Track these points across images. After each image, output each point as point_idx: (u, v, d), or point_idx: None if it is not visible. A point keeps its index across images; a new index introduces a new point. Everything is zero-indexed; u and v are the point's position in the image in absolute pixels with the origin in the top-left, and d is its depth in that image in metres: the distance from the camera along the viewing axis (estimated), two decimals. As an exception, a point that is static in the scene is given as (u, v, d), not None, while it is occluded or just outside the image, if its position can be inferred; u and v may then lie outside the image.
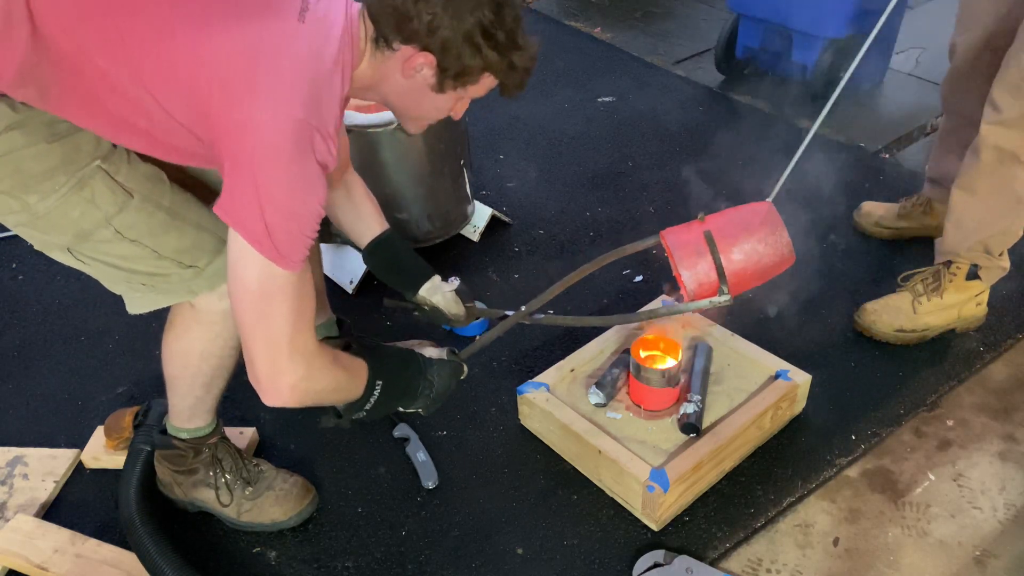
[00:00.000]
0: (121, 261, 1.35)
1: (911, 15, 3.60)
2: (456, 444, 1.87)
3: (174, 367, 1.52)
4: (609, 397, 1.80)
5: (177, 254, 1.37)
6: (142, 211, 1.33)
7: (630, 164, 2.79)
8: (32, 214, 1.26)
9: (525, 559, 1.63)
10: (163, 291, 1.41)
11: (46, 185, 1.24)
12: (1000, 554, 1.62)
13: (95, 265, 1.36)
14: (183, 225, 1.37)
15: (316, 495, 1.72)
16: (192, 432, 1.62)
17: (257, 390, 1.29)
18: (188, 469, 1.65)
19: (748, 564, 1.61)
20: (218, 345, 1.48)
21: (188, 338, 1.48)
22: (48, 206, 1.25)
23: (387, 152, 2.14)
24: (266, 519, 1.67)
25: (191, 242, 1.38)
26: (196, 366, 1.51)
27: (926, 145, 2.92)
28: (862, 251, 2.40)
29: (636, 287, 2.29)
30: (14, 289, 2.39)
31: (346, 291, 2.28)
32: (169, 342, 1.51)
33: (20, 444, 1.89)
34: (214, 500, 1.67)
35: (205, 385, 1.54)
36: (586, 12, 3.98)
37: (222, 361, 1.51)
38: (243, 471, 1.67)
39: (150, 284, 1.39)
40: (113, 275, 1.38)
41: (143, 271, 1.37)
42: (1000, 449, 1.82)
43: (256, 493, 1.67)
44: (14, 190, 1.23)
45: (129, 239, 1.32)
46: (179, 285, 1.40)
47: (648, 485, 1.60)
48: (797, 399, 1.85)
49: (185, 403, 1.58)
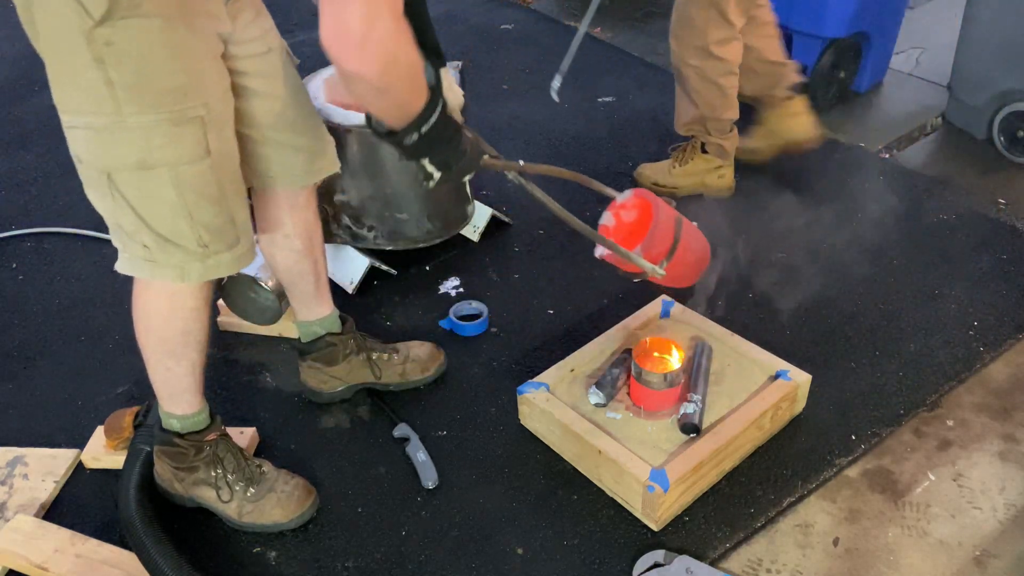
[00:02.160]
0: (150, 209, 1.35)
1: (911, 15, 3.60)
2: (456, 444, 1.87)
3: (139, 335, 1.53)
4: (609, 397, 1.80)
5: (204, 228, 1.38)
6: (206, 175, 1.35)
7: (630, 164, 2.79)
8: (117, 123, 1.26)
9: (525, 559, 1.63)
10: (158, 262, 1.40)
11: (152, 101, 1.25)
12: (1000, 554, 1.62)
13: (119, 203, 1.34)
14: (222, 207, 1.40)
15: (317, 497, 1.71)
16: (182, 420, 1.62)
17: (338, 46, 1.13)
18: (188, 467, 1.65)
19: (748, 564, 1.61)
20: (176, 304, 1.47)
21: (145, 297, 1.48)
22: (139, 123, 1.26)
23: (387, 152, 2.14)
24: (267, 520, 1.66)
25: (219, 226, 1.41)
26: (158, 330, 1.51)
27: (926, 145, 2.92)
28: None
29: (636, 287, 2.28)
30: (14, 289, 2.39)
31: (346, 291, 2.28)
32: (134, 308, 1.51)
33: (20, 444, 1.89)
34: (215, 499, 1.66)
35: (173, 355, 1.53)
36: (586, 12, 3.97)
37: (186, 325, 1.50)
38: (245, 471, 1.67)
39: (154, 248, 1.38)
40: (127, 221, 1.37)
41: (159, 230, 1.37)
42: (1000, 449, 1.82)
43: (258, 494, 1.67)
44: (123, 88, 1.23)
45: (179, 190, 1.33)
46: (178, 260, 1.40)
47: (648, 485, 1.60)
48: (797, 399, 1.85)
49: (160, 379, 1.57)
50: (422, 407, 1.95)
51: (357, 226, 2.26)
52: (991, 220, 2.49)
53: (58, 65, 1.26)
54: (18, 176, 2.88)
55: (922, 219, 2.50)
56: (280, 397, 2.00)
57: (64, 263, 2.47)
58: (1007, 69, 2.66)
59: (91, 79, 1.23)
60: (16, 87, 3.44)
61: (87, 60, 1.21)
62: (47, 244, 2.56)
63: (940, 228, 2.47)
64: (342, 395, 1.96)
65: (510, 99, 3.22)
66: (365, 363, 1.94)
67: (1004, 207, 2.55)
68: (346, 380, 1.94)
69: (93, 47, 1.20)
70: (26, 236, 2.59)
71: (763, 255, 2.37)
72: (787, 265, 2.34)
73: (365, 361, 1.94)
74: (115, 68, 1.22)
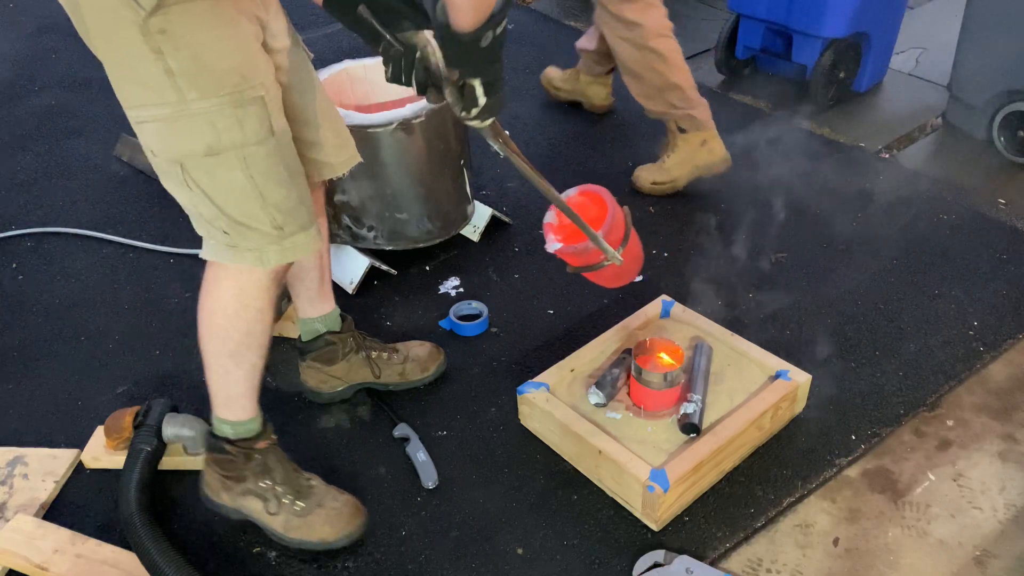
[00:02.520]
0: (224, 195, 1.35)
1: (911, 15, 3.60)
2: (456, 444, 1.87)
3: (202, 330, 1.51)
4: (609, 397, 1.80)
5: (276, 209, 1.38)
6: (273, 155, 1.36)
7: (630, 164, 2.78)
8: (181, 111, 1.26)
9: (525, 559, 1.63)
10: (238, 247, 1.40)
11: (213, 84, 1.25)
12: (1000, 554, 1.62)
13: (195, 192, 1.34)
14: (292, 188, 1.41)
15: (366, 515, 1.67)
16: (235, 427, 1.59)
17: None
18: (237, 475, 1.61)
19: (748, 564, 1.61)
20: (242, 302, 1.46)
21: (215, 295, 1.47)
22: (203, 108, 1.26)
23: (387, 152, 2.14)
24: (315, 537, 1.61)
25: (292, 205, 1.41)
26: (222, 327, 1.48)
27: (926, 145, 2.92)
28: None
29: (636, 287, 2.29)
30: (14, 289, 2.39)
31: (346, 291, 2.28)
32: (199, 305, 1.50)
33: (20, 444, 1.89)
34: (262, 511, 1.62)
35: (233, 355, 1.51)
36: (586, 12, 3.97)
37: (249, 326, 1.48)
38: (293, 484, 1.63)
39: (232, 233, 1.38)
40: (205, 209, 1.37)
41: (234, 215, 1.37)
42: (1000, 449, 1.82)
43: (306, 509, 1.62)
44: (183, 75, 1.23)
45: (248, 173, 1.33)
46: (255, 244, 1.40)
47: (648, 485, 1.60)
48: (797, 399, 1.85)
49: (217, 381, 1.54)
50: (422, 407, 1.95)
51: (357, 226, 2.26)
52: (991, 220, 2.49)
53: (116, 62, 1.26)
54: (18, 176, 2.88)
55: (922, 219, 2.50)
56: (280, 397, 1.99)
57: (64, 263, 2.48)
58: (1007, 69, 2.66)
59: (151, 71, 1.23)
60: (16, 87, 3.44)
61: (144, 52, 1.21)
62: (47, 244, 2.56)
63: (940, 228, 2.47)
64: (342, 395, 1.96)
65: (510, 99, 3.21)
66: (364, 362, 1.94)
67: (1004, 207, 2.55)
68: (346, 380, 1.94)
69: (148, 38, 1.20)
70: (26, 236, 2.59)
71: (763, 255, 2.37)
72: (787, 265, 2.34)
73: (364, 360, 1.94)
74: (173, 56, 1.22)
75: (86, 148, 3.00)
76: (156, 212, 2.64)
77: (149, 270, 2.43)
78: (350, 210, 2.23)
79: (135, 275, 2.41)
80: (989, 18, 2.65)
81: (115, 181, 2.81)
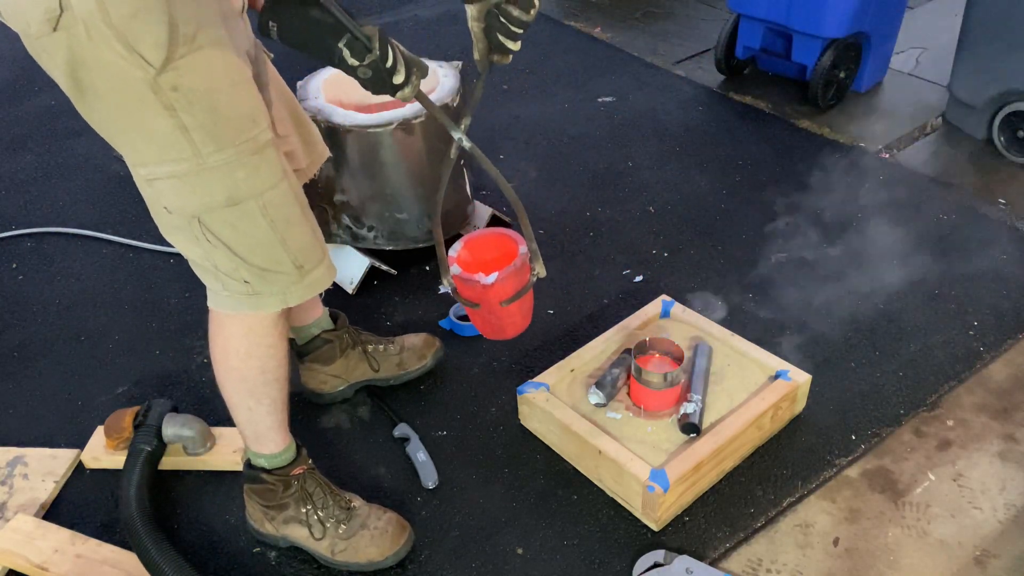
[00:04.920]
0: (246, 245, 1.32)
1: (911, 15, 3.60)
2: (456, 444, 1.87)
3: (218, 374, 1.49)
4: (609, 397, 1.80)
5: (298, 250, 1.37)
6: (288, 195, 1.34)
7: (630, 164, 2.79)
8: (199, 165, 1.23)
9: (525, 559, 1.63)
10: (261, 294, 1.38)
11: (228, 135, 1.23)
12: (1000, 554, 1.62)
13: (213, 245, 1.31)
14: (306, 223, 1.39)
15: (412, 532, 1.65)
16: (270, 460, 1.58)
17: None
18: (278, 504, 1.61)
19: (748, 564, 1.61)
20: (253, 342, 1.44)
21: (224, 337, 1.45)
22: (221, 160, 1.24)
23: (387, 152, 2.14)
24: (362, 559, 1.60)
25: (308, 243, 1.40)
26: (236, 369, 1.47)
27: (926, 145, 2.92)
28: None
29: (636, 287, 2.29)
30: (14, 289, 2.39)
31: (346, 291, 2.28)
32: (210, 348, 1.48)
33: (20, 444, 1.89)
34: (307, 537, 1.61)
35: (252, 394, 1.50)
36: (586, 12, 3.98)
37: (263, 363, 1.47)
38: (335, 507, 1.62)
39: (255, 281, 1.36)
40: (223, 261, 1.34)
41: (258, 263, 1.34)
42: (1000, 449, 1.82)
43: (350, 531, 1.61)
44: (198, 130, 1.20)
45: (269, 218, 1.31)
46: (279, 287, 1.38)
47: (648, 485, 1.60)
48: (797, 399, 1.85)
49: (243, 419, 1.54)
50: (422, 407, 1.95)
51: (357, 226, 2.26)
52: (991, 220, 2.49)
53: (124, 122, 1.22)
54: (18, 176, 2.89)
55: (922, 219, 2.50)
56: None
57: (64, 263, 2.48)
58: (1007, 69, 2.66)
59: (164, 128, 1.19)
60: (16, 87, 3.45)
61: (157, 110, 1.18)
62: (47, 244, 2.56)
63: (940, 228, 2.47)
64: (343, 395, 1.96)
65: (510, 99, 3.22)
66: (362, 357, 1.94)
67: (1004, 207, 2.55)
68: (346, 378, 1.94)
69: (161, 96, 1.17)
70: (26, 236, 2.59)
71: (763, 255, 2.37)
72: (787, 265, 2.34)
73: (362, 355, 1.94)
74: (186, 112, 1.19)
75: (86, 148, 3.00)
76: (156, 212, 2.64)
77: (149, 270, 2.43)
78: (350, 210, 2.23)
79: (135, 275, 2.41)
80: (989, 18, 2.65)
81: (115, 181, 2.81)
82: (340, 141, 2.11)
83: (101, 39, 1.11)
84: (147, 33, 1.12)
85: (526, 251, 1.54)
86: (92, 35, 1.11)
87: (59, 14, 1.09)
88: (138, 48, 1.12)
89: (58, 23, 1.10)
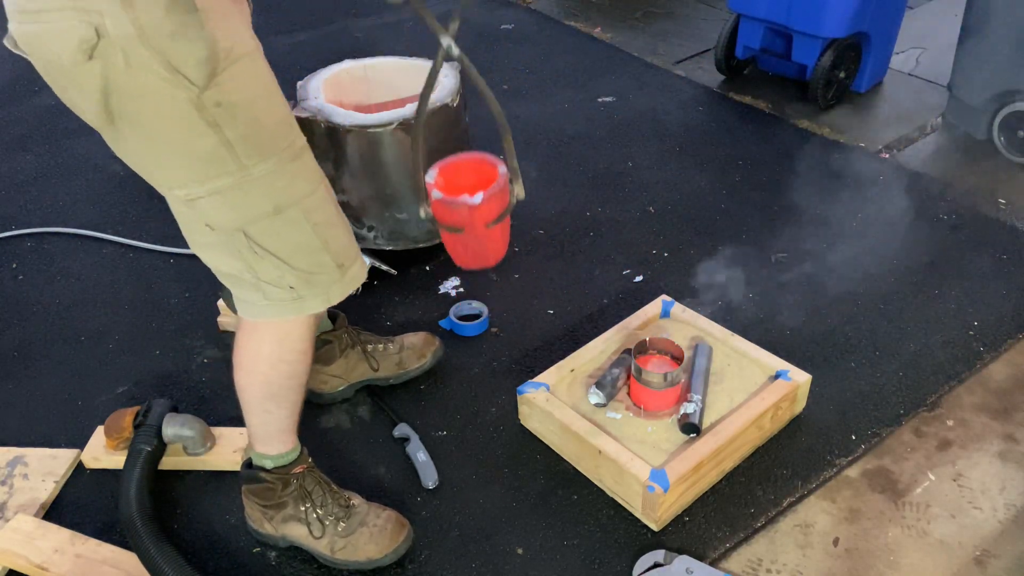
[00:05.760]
0: (292, 251, 1.32)
1: (911, 15, 3.60)
2: (456, 444, 1.87)
3: (241, 377, 1.49)
4: (609, 397, 1.80)
5: (338, 250, 1.38)
6: (324, 199, 1.35)
7: (630, 164, 2.79)
8: (243, 178, 1.22)
9: (525, 559, 1.63)
10: (305, 298, 1.38)
11: (269, 144, 1.23)
12: (1000, 554, 1.62)
13: (259, 255, 1.30)
14: (341, 222, 1.41)
15: (411, 530, 1.64)
16: (275, 460, 1.58)
17: None
18: (277, 503, 1.60)
19: (748, 564, 1.61)
20: (286, 348, 1.44)
21: (255, 342, 1.45)
22: (264, 170, 1.24)
23: (387, 152, 2.14)
24: (361, 557, 1.60)
25: (346, 240, 1.42)
26: (264, 374, 1.47)
27: (926, 145, 2.92)
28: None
29: (636, 287, 2.29)
30: (14, 289, 2.39)
31: (346, 291, 2.28)
32: (237, 354, 1.48)
33: (20, 444, 1.89)
34: (306, 536, 1.61)
35: (274, 397, 1.50)
36: (586, 12, 3.98)
37: (292, 368, 1.47)
38: (334, 505, 1.61)
39: (299, 286, 1.36)
40: (267, 271, 1.33)
41: (303, 268, 1.34)
42: (1000, 449, 1.82)
43: (349, 529, 1.60)
44: (241, 143, 1.20)
45: (312, 223, 1.31)
46: (322, 289, 1.38)
47: (648, 485, 1.60)
48: (797, 399, 1.85)
49: (258, 422, 1.53)
50: (422, 407, 1.95)
51: (357, 226, 2.26)
52: (991, 220, 2.49)
53: (163, 146, 1.20)
54: (18, 176, 2.89)
55: (922, 219, 2.50)
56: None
57: (64, 263, 2.48)
58: (1007, 69, 2.66)
59: (209, 145, 1.19)
60: (16, 87, 3.45)
61: (201, 129, 1.17)
62: (47, 244, 2.56)
63: (940, 228, 2.47)
64: (343, 395, 1.96)
65: (510, 99, 3.22)
66: (361, 356, 1.94)
67: (1004, 207, 2.55)
68: (346, 378, 1.94)
69: (204, 114, 1.16)
70: (26, 236, 2.59)
71: (763, 255, 2.37)
72: (787, 265, 2.34)
73: (361, 354, 1.94)
74: (230, 126, 1.19)
75: (86, 148, 3.00)
76: (156, 212, 2.64)
77: (149, 270, 2.43)
78: (350, 210, 2.23)
79: (135, 275, 2.41)
80: (989, 18, 2.65)
81: (115, 181, 2.81)
82: (340, 141, 2.11)
83: (140, 64, 1.10)
84: (188, 52, 1.11)
85: (506, 171, 1.53)
86: (131, 61, 1.09)
87: (95, 42, 1.07)
88: (181, 68, 1.11)
89: (94, 51, 1.08)
